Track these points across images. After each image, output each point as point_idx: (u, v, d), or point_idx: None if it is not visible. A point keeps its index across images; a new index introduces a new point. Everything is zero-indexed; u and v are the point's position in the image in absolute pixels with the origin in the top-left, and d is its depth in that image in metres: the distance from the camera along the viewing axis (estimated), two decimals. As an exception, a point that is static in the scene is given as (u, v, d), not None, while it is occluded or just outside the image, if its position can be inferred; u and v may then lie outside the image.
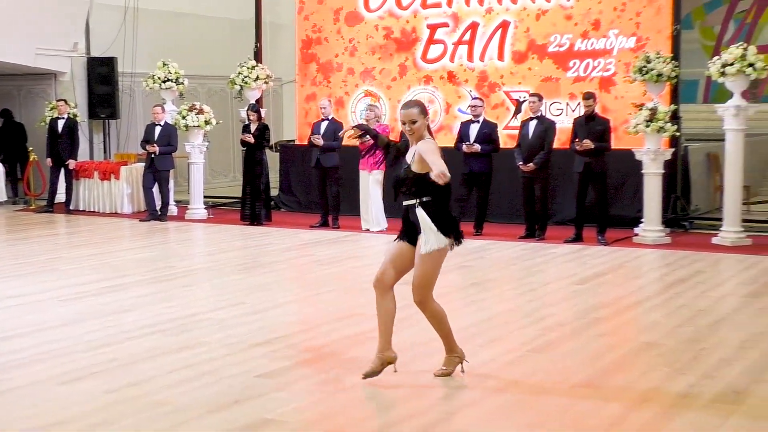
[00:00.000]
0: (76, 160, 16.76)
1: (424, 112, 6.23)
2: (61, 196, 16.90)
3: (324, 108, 14.65)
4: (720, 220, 12.94)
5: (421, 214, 6.07)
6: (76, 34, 18.41)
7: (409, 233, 6.20)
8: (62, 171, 16.75)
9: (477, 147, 13.24)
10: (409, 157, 6.21)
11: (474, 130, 13.48)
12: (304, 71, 17.02)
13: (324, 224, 14.44)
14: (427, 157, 5.98)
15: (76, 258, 11.73)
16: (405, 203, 6.20)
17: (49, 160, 16.71)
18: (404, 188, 6.18)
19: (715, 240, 12.54)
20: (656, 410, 5.65)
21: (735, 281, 10.19)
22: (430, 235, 6.05)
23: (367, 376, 6.14)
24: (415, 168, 6.12)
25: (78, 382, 6.28)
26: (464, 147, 13.29)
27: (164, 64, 16.31)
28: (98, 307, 8.70)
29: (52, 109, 17.00)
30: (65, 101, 16.91)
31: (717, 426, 5.36)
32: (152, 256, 11.93)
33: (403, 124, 6.23)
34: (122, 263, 11.41)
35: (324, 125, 14.50)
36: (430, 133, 6.28)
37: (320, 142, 14.22)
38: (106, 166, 16.92)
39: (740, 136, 12.50)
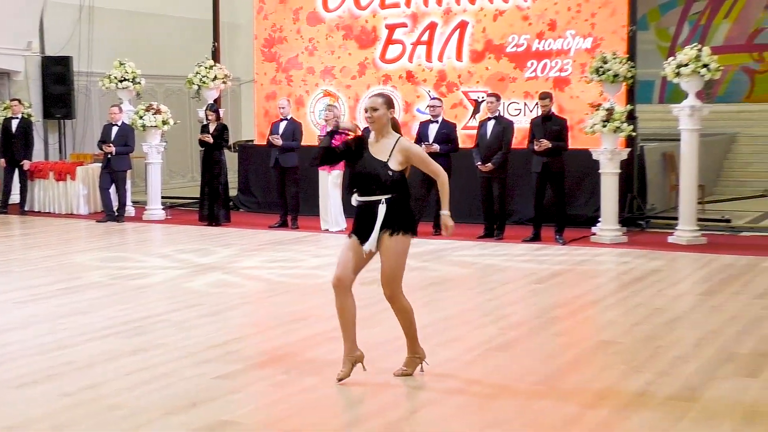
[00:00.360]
0: (30, 160, 16.58)
1: (389, 104, 6.22)
2: (15, 197, 16.71)
3: (283, 108, 14.61)
4: (676, 219, 13.07)
5: (382, 211, 6.07)
6: (30, 33, 18.20)
7: (366, 230, 6.16)
8: (16, 172, 16.56)
9: (436, 147, 13.25)
10: (381, 153, 6.16)
11: (433, 130, 13.50)
12: (264, 70, 16.96)
13: (283, 224, 14.40)
14: (429, 167, 6.22)
15: (31, 260, 11.59)
16: (366, 199, 6.16)
17: (2, 160, 16.51)
18: (376, 185, 6.12)
19: (671, 239, 12.66)
20: (613, 408, 5.69)
21: (691, 280, 10.30)
22: (374, 236, 6.08)
23: (341, 379, 6.16)
24: (393, 165, 6.11)
25: (33, 386, 6.20)
26: (423, 147, 13.28)
27: (121, 64, 16.18)
28: (53, 310, 8.60)
29: (5, 108, 16.78)
30: (19, 101, 16.70)
31: (673, 423, 5.40)
32: (109, 258, 11.82)
33: (365, 111, 6.23)
34: (78, 265, 11.29)
35: (283, 125, 14.46)
36: (397, 129, 6.27)
37: (279, 141, 14.17)
38: (62, 167, 16.76)
39: (695, 136, 12.63)
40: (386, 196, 6.10)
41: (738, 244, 12.58)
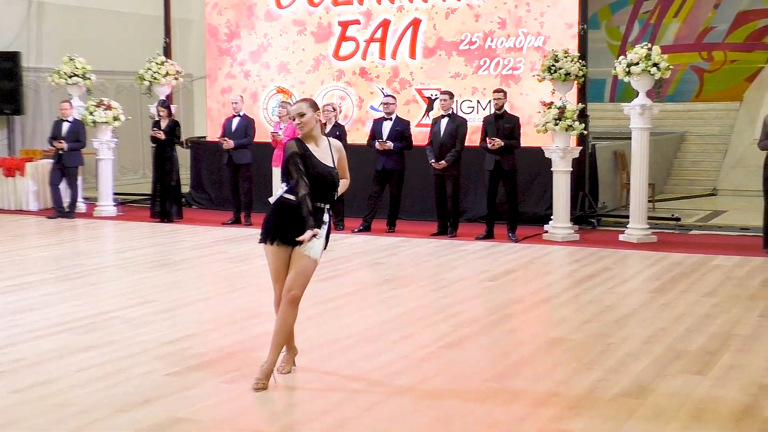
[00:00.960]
0: (-21, 156, 16.39)
1: (314, 106, 6.22)
2: (-36, 194, 16.52)
3: (236, 103, 14.55)
4: (626, 217, 13.21)
5: (327, 219, 6.12)
6: (-22, 28, 17.99)
7: (294, 231, 6.04)
8: (-35, 168, 16.36)
9: (390, 144, 13.28)
10: (326, 158, 6.17)
11: (387, 127, 13.51)
12: (218, 65, 16.88)
13: (236, 221, 14.34)
14: (345, 165, 6.22)
15: (-20, 256, 11.45)
16: (317, 205, 6.07)
17: (-49, 156, 16.31)
18: (329, 192, 6.14)
19: (621, 237, 12.79)
20: (564, 405, 5.74)
21: (641, 277, 10.41)
22: (321, 243, 6.11)
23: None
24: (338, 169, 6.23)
25: (-18, 384, 6.14)
26: (377, 144, 13.31)
27: (70, 59, 16.00)
28: (3, 306, 8.50)
29: (-46, 104, 16.57)
30: (-32, 96, 16.50)
31: (623, 421, 5.46)
32: (60, 254, 11.71)
33: (292, 119, 6.25)
34: (28, 261, 11.17)
35: (236, 121, 14.40)
36: (324, 131, 6.36)
37: (230, 144, 14.10)
38: (11, 163, 16.55)
39: (645, 134, 12.76)
40: (329, 206, 6.16)
41: (687, 243, 12.74)
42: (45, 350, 6.96)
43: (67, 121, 15.24)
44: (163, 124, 14.66)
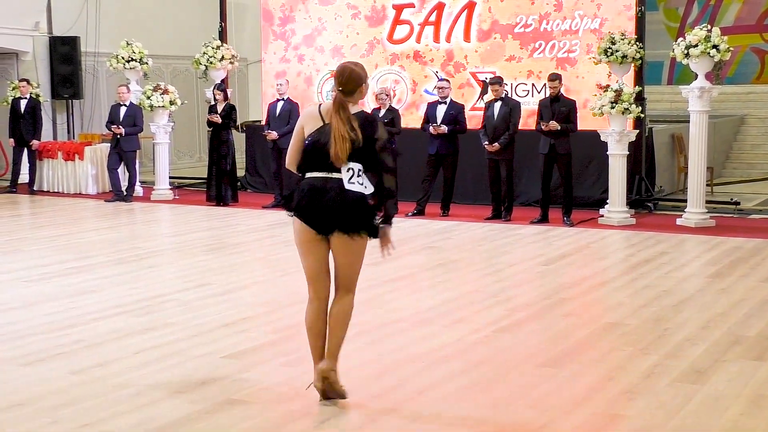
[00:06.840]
0: (39, 140, 16.61)
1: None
2: (24, 177, 16.77)
3: (280, 85, 14.54)
4: (684, 201, 13.05)
5: None
6: (37, 13, 18.20)
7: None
8: (25, 151, 16.60)
9: (444, 128, 13.23)
10: None
11: (441, 111, 13.46)
12: (273, 49, 16.92)
13: (277, 205, 14.37)
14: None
15: (40, 239, 11.63)
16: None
17: (11, 140, 16.56)
18: None
19: (679, 221, 12.65)
20: (620, 390, 5.70)
21: (699, 262, 10.28)
22: None
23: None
24: None
25: (42, 363, 6.24)
26: (431, 128, 13.27)
27: (128, 44, 16.17)
28: (63, 288, 8.64)
29: (14, 89, 16.80)
30: (27, 81, 16.73)
31: (680, 406, 5.41)
32: (117, 237, 11.85)
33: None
34: (87, 244, 11.32)
35: (280, 105, 14.42)
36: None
37: (274, 135, 14.09)
38: (70, 147, 16.78)
39: (704, 117, 12.58)
40: None
41: (746, 227, 12.56)
42: (103, 332, 7.05)
43: (125, 105, 15.40)
44: (219, 107, 14.77)
